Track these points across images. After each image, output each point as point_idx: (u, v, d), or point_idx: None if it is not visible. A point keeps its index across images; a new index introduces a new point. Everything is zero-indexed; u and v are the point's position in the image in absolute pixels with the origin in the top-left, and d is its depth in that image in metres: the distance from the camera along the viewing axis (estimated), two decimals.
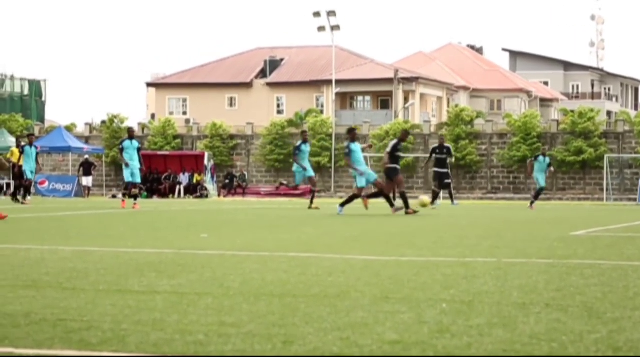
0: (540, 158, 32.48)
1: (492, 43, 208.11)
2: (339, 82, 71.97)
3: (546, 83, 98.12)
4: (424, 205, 23.95)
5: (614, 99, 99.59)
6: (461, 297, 6.48)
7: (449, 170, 33.24)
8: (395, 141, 24.44)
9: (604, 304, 6.13)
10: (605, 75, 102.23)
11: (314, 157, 61.62)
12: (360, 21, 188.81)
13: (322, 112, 76.95)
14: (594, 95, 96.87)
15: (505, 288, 7.02)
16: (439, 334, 4.89)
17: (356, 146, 23.11)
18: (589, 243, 12.66)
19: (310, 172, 28.03)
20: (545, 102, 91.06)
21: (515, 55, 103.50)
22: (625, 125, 59.06)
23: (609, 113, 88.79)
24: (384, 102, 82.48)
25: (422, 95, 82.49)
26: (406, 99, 79.83)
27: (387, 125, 62.76)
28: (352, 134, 23.65)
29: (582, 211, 30.41)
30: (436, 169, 32.53)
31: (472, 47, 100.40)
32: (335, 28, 65.50)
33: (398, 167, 24.19)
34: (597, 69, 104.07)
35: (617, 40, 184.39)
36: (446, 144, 34.09)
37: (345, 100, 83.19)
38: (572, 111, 60.43)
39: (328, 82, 74.38)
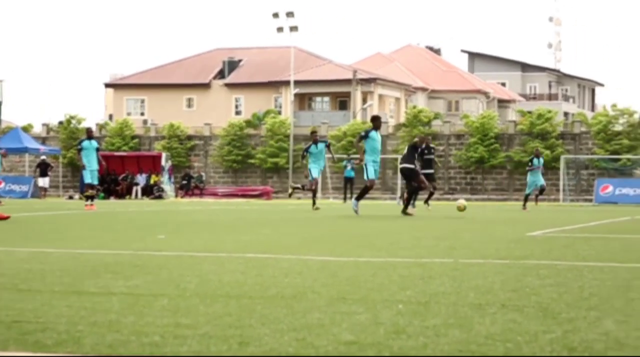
0: (535, 161, 32.17)
1: (451, 44, 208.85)
2: (298, 83, 72.00)
3: (504, 84, 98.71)
4: (461, 209, 23.52)
5: (571, 100, 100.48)
6: (417, 297, 6.50)
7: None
8: (417, 146, 24.93)
9: (559, 305, 6.18)
10: (562, 77, 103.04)
11: (272, 158, 61.64)
12: (319, 22, 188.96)
13: (280, 113, 76.96)
14: (551, 97, 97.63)
15: (462, 289, 7.05)
16: (395, 334, 4.91)
17: (377, 135, 23.03)
18: (545, 244, 12.77)
19: (315, 174, 28.21)
20: (502, 103, 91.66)
21: (473, 56, 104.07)
22: (581, 126, 59.61)
23: (565, 114, 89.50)
24: (342, 103, 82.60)
25: (380, 96, 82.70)
26: (364, 100, 79.99)
27: (345, 126, 62.87)
28: (377, 122, 23.28)
29: (538, 212, 30.63)
30: (424, 171, 31.56)
31: (431, 49, 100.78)
32: (293, 29, 65.51)
33: (413, 166, 24.52)
34: (555, 70, 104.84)
35: (575, 41, 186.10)
36: (431, 145, 33.70)
37: (303, 101, 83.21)
38: (530, 112, 60.91)
39: (286, 83, 74.38)
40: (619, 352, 4.54)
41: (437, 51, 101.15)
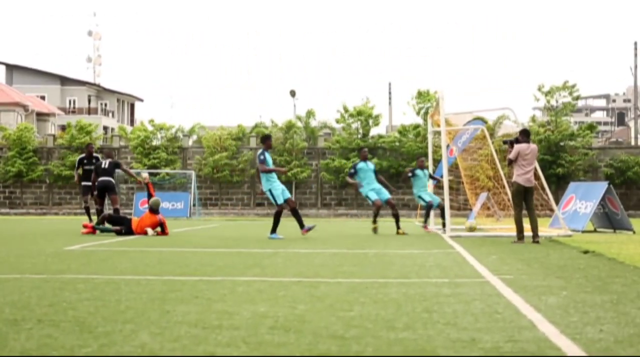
0: (419, 172, 25.18)
1: None
2: None
3: (43, 97, 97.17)
4: (473, 229, 21.13)
5: (111, 115, 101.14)
6: None
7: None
8: None
9: (95, 318, 6.22)
10: (102, 91, 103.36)
11: None
12: None
13: None
14: (90, 111, 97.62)
15: None
16: None
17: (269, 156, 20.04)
18: (83, 258, 12.76)
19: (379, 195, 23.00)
20: (42, 116, 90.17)
21: (11, 68, 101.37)
22: (121, 140, 60.27)
23: (105, 128, 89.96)
24: None
25: None
26: None
27: None
28: (269, 141, 20.13)
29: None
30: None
31: None
32: None
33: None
34: (94, 84, 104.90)
35: (114, 56, 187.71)
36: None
37: None
38: (70, 126, 60.51)
39: None
40: None
41: None
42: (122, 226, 20.85)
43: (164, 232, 21.13)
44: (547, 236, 19.33)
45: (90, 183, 23.94)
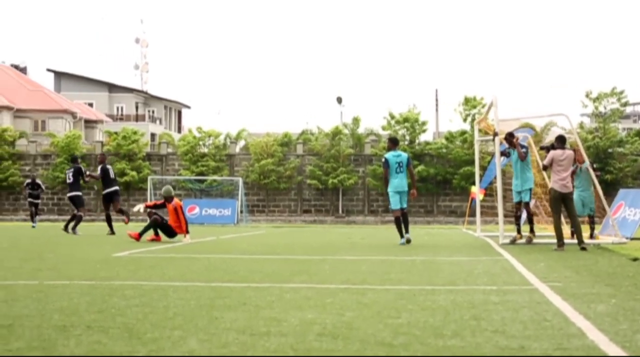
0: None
1: (37, 63, 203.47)
2: None
3: (91, 104, 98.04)
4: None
5: (158, 122, 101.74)
6: (0, 321, 6.30)
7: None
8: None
9: (144, 325, 6.25)
10: (149, 98, 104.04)
11: None
12: None
13: None
14: (138, 118, 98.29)
15: (46, 311, 6.93)
16: None
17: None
18: (131, 264, 12.84)
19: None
20: (90, 123, 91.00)
21: (59, 75, 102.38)
22: (168, 147, 60.62)
23: (152, 135, 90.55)
24: None
25: None
26: None
27: None
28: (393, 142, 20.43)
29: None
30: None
31: (16, 67, 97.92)
32: None
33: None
34: (142, 91, 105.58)
35: (161, 63, 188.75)
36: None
37: None
38: (117, 133, 60.99)
39: None
40: None
41: (23, 70, 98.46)
42: (162, 219, 20.96)
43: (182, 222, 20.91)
44: (596, 243, 19.13)
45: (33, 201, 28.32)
